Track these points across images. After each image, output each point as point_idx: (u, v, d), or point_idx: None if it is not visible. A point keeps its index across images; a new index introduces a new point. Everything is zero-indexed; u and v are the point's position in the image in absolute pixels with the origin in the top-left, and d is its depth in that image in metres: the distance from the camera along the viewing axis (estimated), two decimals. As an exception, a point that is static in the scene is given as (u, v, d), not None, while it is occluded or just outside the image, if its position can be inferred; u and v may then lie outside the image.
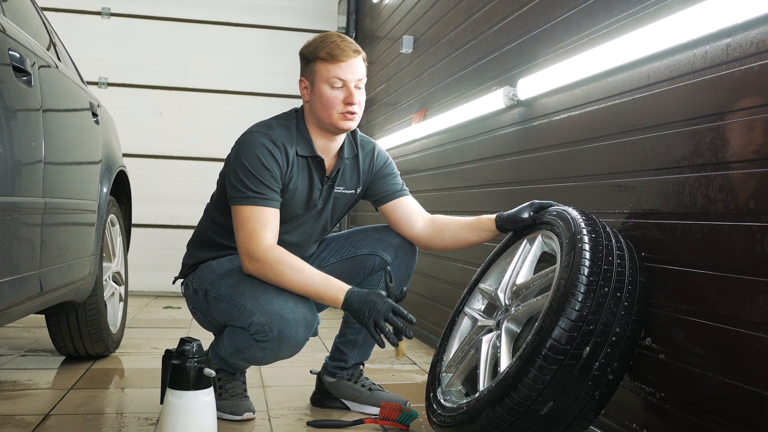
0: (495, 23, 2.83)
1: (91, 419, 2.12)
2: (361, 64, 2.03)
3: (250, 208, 1.97)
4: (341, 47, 1.99)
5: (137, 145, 5.22)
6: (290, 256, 1.95)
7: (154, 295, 5.30)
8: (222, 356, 2.09)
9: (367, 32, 5.26)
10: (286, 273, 1.92)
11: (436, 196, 3.46)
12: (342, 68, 1.99)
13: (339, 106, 2.00)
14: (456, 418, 1.73)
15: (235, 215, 1.99)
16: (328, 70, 2.00)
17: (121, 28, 5.31)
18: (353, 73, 2.00)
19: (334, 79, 1.99)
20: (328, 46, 2.00)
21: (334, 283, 1.92)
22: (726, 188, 1.49)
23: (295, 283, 1.92)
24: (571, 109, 2.17)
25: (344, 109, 2.01)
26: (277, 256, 1.93)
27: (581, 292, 1.57)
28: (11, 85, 1.84)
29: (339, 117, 2.01)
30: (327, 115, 2.02)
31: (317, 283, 1.92)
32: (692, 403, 1.57)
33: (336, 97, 2.00)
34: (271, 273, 1.93)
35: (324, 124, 2.05)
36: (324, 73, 2.00)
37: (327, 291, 1.91)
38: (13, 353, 3.04)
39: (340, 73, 1.99)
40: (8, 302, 1.81)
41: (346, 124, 2.03)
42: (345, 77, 1.99)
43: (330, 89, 2.00)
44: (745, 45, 1.45)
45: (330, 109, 2.01)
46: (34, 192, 1.95)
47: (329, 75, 2.00)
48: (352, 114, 2.02)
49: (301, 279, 1.91)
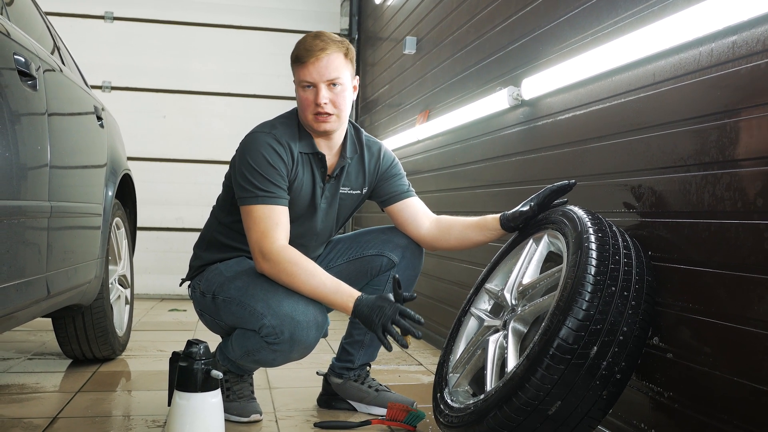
0: (498, 23, 2.83)
1: (99, 422, 2.12)
2: (333, 62, 1.97)
3: (260, 207, 1.97)
4: (307, 48, 1.97)
5: (141, 149, 5.23)
6: (303, 258, 1.94)
7: (159, 298, 5.31)
8: (231, 358, 2.09)
9: (370, 34, 5.27)
10: (299, 275, 1.92)
11: (441, 196, 3.46)
12: (308, 69, 1.97)
13: (310, 108, 2.00)
14: (463, 419, 1.73)
15: (246, 215, 1.99)
16: (298, 72, 2.00)
17: (124, 32, 5.32)
18: (320, 73, 1.97)
19: (302, 80, 1.99)
20: (298, 48, 2.00)
21: (344, 290, 1.91)
22: (733, 186, 1.48)
23: (307, 286, 1.92)
24: (576, 109, 2.17)
25: (314, 111, 2.00)
26: (291, 257, 1.93)
27: (588, 291, 1.56)
28: (17, 90, 1.84)
29: (312, 119, 2.01)
30: (304, 116, 2.03)
31: (329, 288, 1.91)
32: (700, 402, 1.57)
33: (307, 99, 2.00)
34: (283, 274, 1.93)
35: (306, 126, 2.06)
36: (296, 75, 2.02)
37: (337, 297, 1.91)
38: (21, 357, 3.04)
39: (307, 74, 1.98)
40: (15, 306, 1.81)
41: (320, 126, 2.02)
42: (311, 78, 1.98)
43: (302, 91, 2.01)
44: (751, 42, 1.45)
45: (305, 111, 2.02)
46: (41, 196, 1.96)
47: (299, 77, 2.00)
48: (323, 115, 1.99)
49: (313, 283, 1.91)
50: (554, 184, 1.97)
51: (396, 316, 1.83)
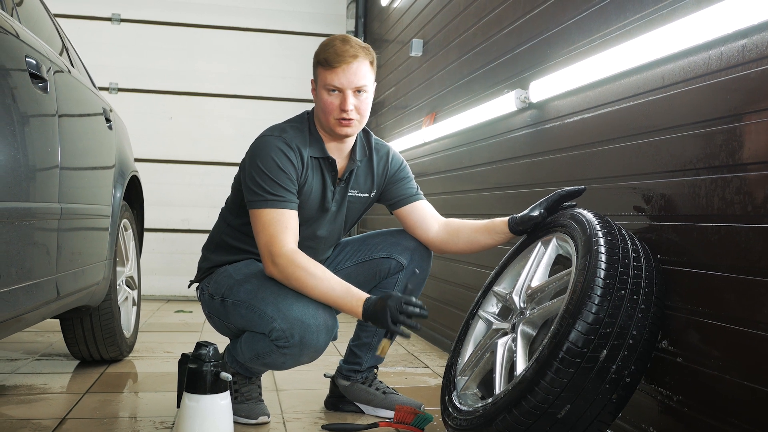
0: (506, 26, 2.83)
1: (107, 423, 2.13)
2: (361, 70, 1.99)
3: (269, 211, 1.97)
4: (338, 53, 1.97)
5: (148, 150, 5.24)
6: (312, 262, 1.95)
7: (165, 299, 5.32)
8: (240, 361, 2.09)
9: (376, 36, 5.27)
10: (308, 280, 1.92)
11: (447, 199, 3.46)
12: (337, 75, 1.98)
13: (335, 112, 2.00)
14: (472, 422, 1.73)
15: (255, 219, 2.00)
16: (325, 76, 2.00)
17: (131, 34, 5.33)
18: (349, 80, 1.98)
19: (329, 85, 1.99)
20: (327, 51, 2.00)
21: (353, 293, 1.92)
22: (743, 190, 1.48)
23: (317, 291, 1.92)
24: (584, 112, 2.17)
25: (339, 116, 2.00)
26: (300, 261, 1.94)
27: (598, 294, 1.56)
28: (28, 92, 1.85)
29: (335, 123, 2.02)
30: (325, 120, 2.03)
31: (337, 292, 1.92)
32: (710, 406, 1.57)
33: (332, 103, 2.00)
34: (293, 278, 1.93)
35: (324, 128, 2.07)
36: (322, 78, 2.01)
37: (346, 301, 1.91)
38: (28, 358, 3.05)
39: (335, 79, 1.98)
40: (25, 307, 1.82)
41: (343, 131, 2.03)
42: (340, 84, 1.98)
43: (327, 95, 2.01)
44: (761, 46, 1.45)
45: (327, 114, 2.02)
46: (51, 197, 1.96)
47: (325, 81, 2.00)
48: (347, 120, 2.01)
49: (323, 287, 1.92)
50: (564, 189, 1.97)
51: (401, 305, 1.83)
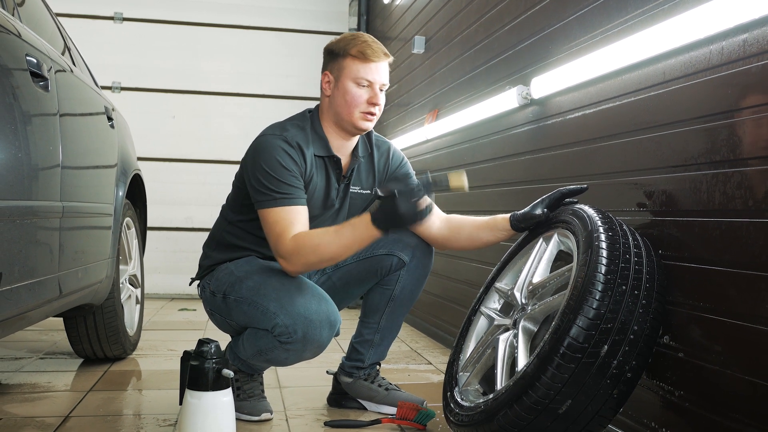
0: (507, 22, 2.83)
1: (111, 421, 2.14)
2: (387, 68, 2.07)
3: (276, 210, 1.97)
4: (373, 48, 2.02)
5: (151, 149, 5.24)
6: (311, 234, 1.94)
7: (169, 298, 5.33)
8: (242, 357, 2.09)
9: (379, 33, 5.27)
10: (322, 247, 1.90)
11: (450, 195, 3.45)
12: (372, 68, 2.02)
13: (362, 106, 2.02)
14: (473, 417, 1.73)
15: (263, 219, 2.00)
16: (358, 68, 2.02)
17: (134, 33, 5.34)
18: (381, 75, 2.04)
19: (362, 78, 2.01)
20: (361, 45, 2.02)
21: (358, 223, 1.89)
22: (744, 185, 1.48)
23: (334, 249, 1.90)
24: (585, 107, 2.16)
25: (366, 109, 2.03)
26: (302, 242, 1.92)
27: (599, 290, 1.56)
28: (29, 91, 1.85)
29: (359, 116, 2.03)
30: (348, 112, 2.03)
31: (347, 236, 1.89)
32: (711, 401, 1.57)
33: (360, 96, 2.02)
34: (311, 258, 1.92)
35: (342, 122, 2.06)
36: (353, 70, 2.02)
37: (358, 234, 1.88)
38: (32, 356, 3.06)
39: (369, 73, 2.02)
40: (28, 305, 1.82)
41: (365, 125, 2.05)
42: (373, 78, 2.02)
43: (356, 87, 2.02)
44: (762, 41, 1.44)
45: (352, 107, 2.02)
46: (53, 196, 1.97)
47: (358, 73, 2.02)
48: (372, 115, 2.04)
49: (337, 242, 1.90)
50: (567, 188, 1.97)
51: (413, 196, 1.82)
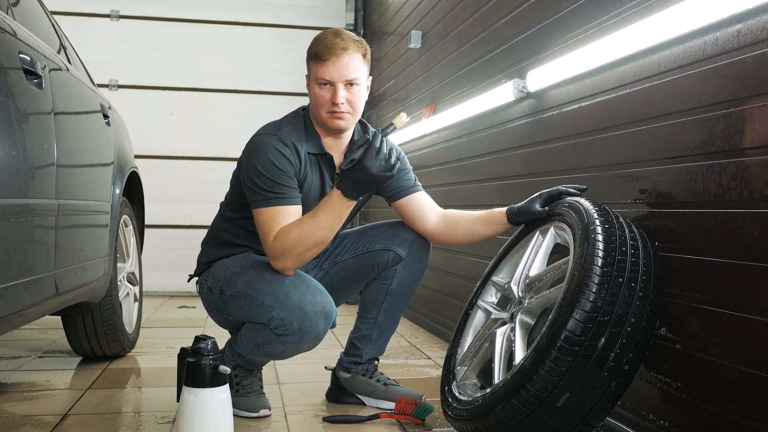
0: (503, 16, 2.82)
1: (109, 418, 2.14)
2: (352, 62, 1.99)
3: (268, 210, 1.97)
4: (328, 46, 1.97)
5: (149, 146, 5.24)
6: (289, 228, 1.94)
7: (168, 295, 5.33)
8: (240, 353, 2.10)
9: (376, 28, 5.26)
10: (303, 238, 1.92)
11: (447, 190, 3.45)
12: (327, 67, 1.98)
13: (326, 106, 2.01)
14: (471, 411, 1.73)
15: (256, 218, 2.00)
16: (315, 69, 2.00)
17: (130, 30, 5.33)
18: (339, 73, 1.98)
19: (320, 78, 1.99)
20: (317, 45, 2.00)
21: (329, 201, 1.92)
22: (739, 175, 1.48)
23: (317, 233, 1.92)
24: (581, 100, 2.16)
25: (330, 109, 2.01)
26: (283, 238, 1.93)
27: (595, 282, 1.56)
28: (22, 88, 1.85)
29: (327, 116, 2.02)
30: (318, 113, 2.03)
31: (323, 216, 1.91)
32: (709, 393, 1.56)
33: (323, 96, 2.01)
34: (297, 251, 1.93)
35: (318, 122, 2.07)
36: (313, 71, 2.02)
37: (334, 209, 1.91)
38: (31, 355, 3.06)
39: (326, 72, 1.98)
40: (24, 303, 1.82)
41: (335, 123, 2.03)
42: (330, 77, 1.98)
43: (318, 88, 2.01)
44: (756, 30, 1.44)
45: (319, 108, 2.02)
46: (48, 194, 1.97)
47: (316, 74, 2.00)
48: (339, 113, 2.01)
49: (317, 226, 1.91)
50: (567, 188, 1.96)
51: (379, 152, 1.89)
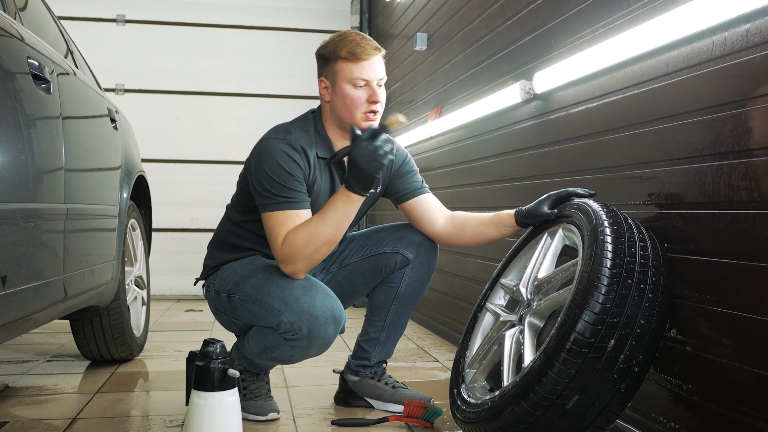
0: (509, 17, 2.82)
1: (118, 422, 2.14)
2: (381, 62, 2.03)
3: (277, 214, 1.97)
4: (362, 46, 1.99)
5: (155, 150, 5.25)
6: (297, 230, 1.93)
7: (175, 299, 5.33)
8: (248, 356, 2.09)
9: (381, 31, 5.26)
10: (311, 238, 1.91)
11: (454, 192, 3.45)
12: (364, 67, 1.99)
13: (363, 106, 2.00)
14: (480, 414, 1.72)
15: (265, 222, 2.00)
16: (351, 69, 1.99)
17: (136, 35, 5.34)
18: (375, 72, 2.00)
19: (357, 78, 1.99)
20: (349, 45, 1.99)
21: (336, 198, 1.93)
22: (749, 176, 1.47)
23: (325, 232, 1.92)
24: (588, 101, 2.15)
25: (368, 109, 2.01)
26: (292, 240, 1.93)
27: (604, 284, 1.55)
28: (31, 93, 1.85)
29: (362, 117, 2.01)
30: (350, 115, 2.02)
31: (331, 214, 1.92)
32: (720, 394, 1.56)
33: (360, 97, 2.00)
34: (306, 252, 1.92)
35: (345, 125, 2.05)
36: (346, 72, 2.00)
37: (342, 205, 1.92)
38: (40, 359, 3.07)
39: (363, 72, 1.99)
40: (33, 308, 1.83)
41: (368, 125, 2.02)
42: (368, 76, 1.99)
43: (353, 89, 2.00)
44: (765, 30, 1.43)
45: (353, 109, 2.01)
46: (56, 198, 1.97)
47: (351, 75, 1.99)
48: (374, 113, 2.02)
49: (325, 225, 1.91)
50: (576, 192, 1.96)
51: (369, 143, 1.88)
